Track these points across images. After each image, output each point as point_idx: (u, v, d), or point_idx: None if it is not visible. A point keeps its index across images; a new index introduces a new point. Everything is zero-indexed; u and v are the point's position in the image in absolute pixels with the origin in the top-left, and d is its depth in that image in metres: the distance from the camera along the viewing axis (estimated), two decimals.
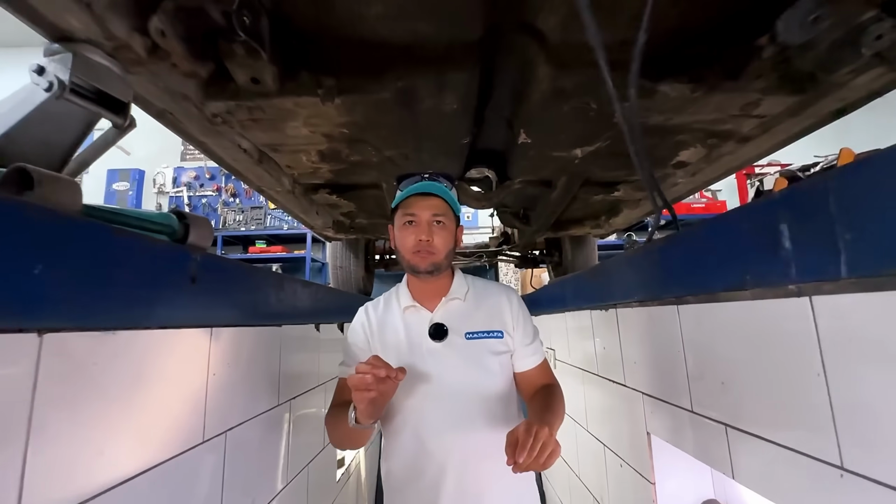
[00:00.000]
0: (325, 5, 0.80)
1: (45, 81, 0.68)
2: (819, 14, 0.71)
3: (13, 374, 0.42)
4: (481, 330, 1.02)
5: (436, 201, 1.00)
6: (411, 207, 0.99)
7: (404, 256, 1.02)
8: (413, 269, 1.01)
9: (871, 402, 0.49)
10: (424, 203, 1.00)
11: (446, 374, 0.97)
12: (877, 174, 0.45)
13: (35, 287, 0.44)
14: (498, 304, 1.06)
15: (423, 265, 0.99)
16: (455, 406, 0.95)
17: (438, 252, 1.00)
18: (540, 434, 0.73)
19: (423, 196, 1.00)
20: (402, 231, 1.01)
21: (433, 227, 1.00)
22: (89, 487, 0.50)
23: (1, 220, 0.41)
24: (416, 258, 0.99)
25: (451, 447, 0.93)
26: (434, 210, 1.00)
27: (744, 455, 0.70)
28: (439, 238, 1.00)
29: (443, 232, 1.00)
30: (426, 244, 0.98)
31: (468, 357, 0.99)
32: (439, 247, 1.00)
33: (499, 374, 1.00)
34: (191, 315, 0.71)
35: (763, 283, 0.62)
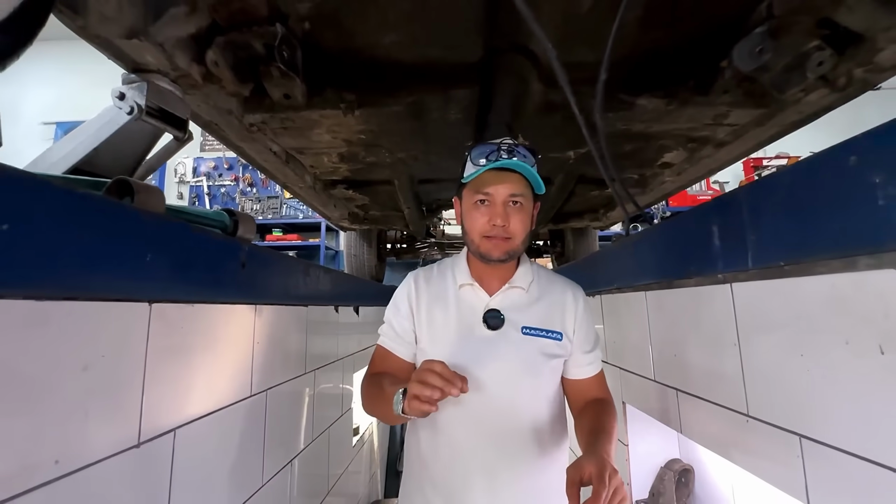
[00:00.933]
0: (348, 34, 0.95)
1: (127, 106, 0.84)
2: (762, 47, 0.83)
3: (135, 330, 0.60)
4: (539, 327, 0.91)
5: (515, 177, 0.86)
6: (486, 186, 0.86)
7: (473, 240, 0.89)
8: (483, 257, 0.89)
9: (766, 364, 0.64)
10: (501, 180, 0.85)
11: (500, 368, 0.87)
12: (770, 190, 0.60)
13: (147, 270, 0.61)
14: (562, 302, 0.95)
15: (496, 253, 0.87)
16: (501, 404, 0.86)
17: (515, 237, 0.87)
18: (613, 481, 0.64)
19: (500, 171, 0.85)
20: (473, 211, 0.88)
21: (509, 209, 0.86)
22: (180, 417, 0.68)
23: (126, 221, 0.58)
24: (487, 244, 0.87)
25: (489, 445, 0.85)
26: (512, 189, 0.85)
27: (687, 412, 0.85)
28: (516, 221, 0.86)
29: (520, 214, 0.87)
30: (501, 229, 0.86)
31: (521, 354, 0.89)
32: (516, 231, 0.87)
33: (548, 378, 0.91)
34: (241, 293, 0.89)
35: (701, 273, 0.77)
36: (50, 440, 0.47)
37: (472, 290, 0.94)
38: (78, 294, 0.51)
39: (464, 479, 0.85)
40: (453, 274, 0.98)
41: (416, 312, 0.95)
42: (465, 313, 0.92)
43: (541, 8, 0.85)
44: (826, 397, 0.54)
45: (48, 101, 5.20)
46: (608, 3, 0.83)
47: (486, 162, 0.84)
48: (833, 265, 0.52)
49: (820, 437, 0.55)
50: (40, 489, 0.46)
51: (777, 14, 0.83)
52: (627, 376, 1.16)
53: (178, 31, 0.79)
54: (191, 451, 0.71)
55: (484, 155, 0.85)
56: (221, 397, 0.81)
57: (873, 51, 0.84)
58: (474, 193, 0.87)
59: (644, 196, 1.89)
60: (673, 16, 0.89)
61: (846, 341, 0.51)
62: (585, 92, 0.93)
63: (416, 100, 1.09)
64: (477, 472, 0.85)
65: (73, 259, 0.49)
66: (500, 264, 0.91)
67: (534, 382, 0.89)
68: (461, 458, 0.86)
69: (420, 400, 0.68)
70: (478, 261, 0.93)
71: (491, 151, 0.85)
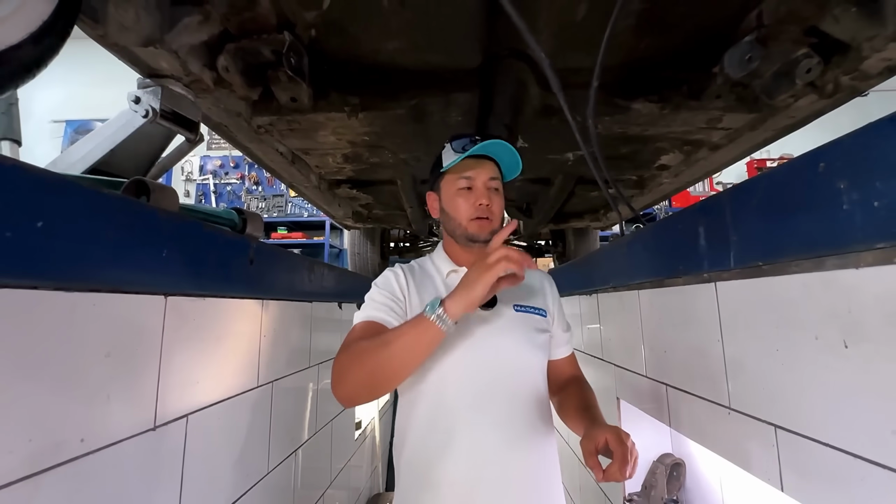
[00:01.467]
0: (352, 41, 0.99)
1: (143, 109, 0.89)
2: (751, 55, 0.87)
3: (151, 321, 0.64)
4: (528, 304, 0.95)
5: (490, 164, 0.93)
6: (468, 170, 0.91)
7: (460, 224, 0.92)
8: (471, 238, 0.92)
9: (746, 359, 0.67)
10: (480, 165, 0.92)
11: (498, 342, 0.88)
12: (750, 193, 0.63)
13: (163, 265, 0.65)
14: (541, 285, 1.02)
15: (484, 233, 0.91)
16: (503, 376, 0.86)
17: (496, 218, 0.93)
18: (629, 441, 0.68)
19: (477, 159, 0.92)
20: (458, 196, 0.92)
21: (490, 192, 0.92)
22: (192, 403, 0.73)
23: (145, 219, 0.62)
24: (475, 226, 0.91)
25: (495, 418, 0.84)
26: (490, 173, 0.92)
27: (677, 407, 0.89)
28: (496, 203, 0.93)
29: (498, 197, 0.94)
30: (485, 209, 0.91)
31: (518, 328, 0.91)
32: (497, 213, 0.93)
33: (543, 353, 0.94)
34: (249, 288, 0.93)
35: (688, 272, 0.80)
36: (76, 420, 0.52)
37: (460, 275, 0.91)
38: (101, 286, 0.55)
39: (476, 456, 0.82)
40: (436, 265, 0.99)
41: (407, 297, 0.91)
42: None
43: (537, 16, 0.89)
44: (798, 389, 0.58)
45: (58, 100, 5.28)
46: (602, 12, 0.86)
47: (465, 151, 0.89)
48: (804, 265, 0.55)
49: (793, 427, 0.59)
50: (68, 464, 0.50)
51: (766, 23, 0.86)
52: (621, 372, 1.19)
53: (191, 38, 0.83)
54: (202, 437, 0.75)
55: (462, 145, 0.91)
56: (230, 387, 0.86)
57: (859, 59, 0.87)
58: (457, 179, 0.92)
59: (643, 197, 1.92)
60: (665, 24, 0.92)
61: (816, 336, 0.54)
62: (581, 96, 0.97)
63: (417, 103, 1.13)
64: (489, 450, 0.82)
65: (97, 254, 0.53)
66: (483, 246, 0.91)
67: (533, 356, 0.91)
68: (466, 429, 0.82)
69: (511, 259, 0.70)
70: (460, 248, 0.96)
71: (467, 142, 0.91)
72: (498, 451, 0.82)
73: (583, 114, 1.19)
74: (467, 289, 0.72)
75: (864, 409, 0.48)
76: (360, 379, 0.75)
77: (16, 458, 0.44)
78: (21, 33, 0.55)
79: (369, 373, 0.74)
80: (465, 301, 0.71)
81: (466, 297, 0.71)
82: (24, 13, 0.56)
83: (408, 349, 0.73)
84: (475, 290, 0.71)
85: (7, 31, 0.54)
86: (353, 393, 0.77)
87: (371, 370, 0.74)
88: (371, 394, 0.77)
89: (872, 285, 0.46)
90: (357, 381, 0.76)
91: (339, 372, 0.76)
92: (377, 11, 0.88)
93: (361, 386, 0.76)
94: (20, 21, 0.55)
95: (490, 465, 0.81)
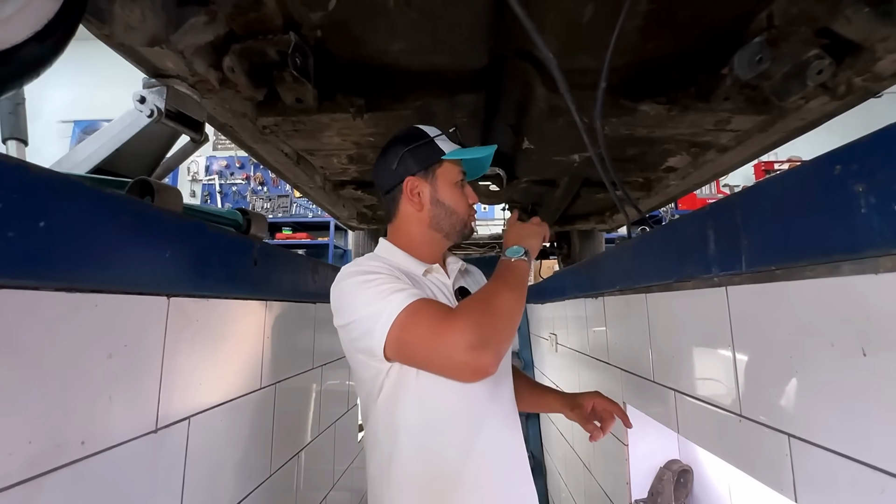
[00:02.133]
0: (358, 42, 0.98)
1: (148, 109, 0.89)
2: (761, 56, 0.85)
3: (154, 322, 0.64)
4: None
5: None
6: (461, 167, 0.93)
7: (461, 219, 0.90)
8: (465, 234, 0.93)
9: (758, 365, 0.66)
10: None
11: None
12: (762, 196, 0.62)
13: (166, 266, 0.64)
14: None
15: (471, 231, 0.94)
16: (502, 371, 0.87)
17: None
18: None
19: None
20: (457, 190, 0.91)
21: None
22: (194, 405, 0.72)
23: (149, 220, 0.62)
24: (472, 224, 0.93)
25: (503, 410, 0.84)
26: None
27: (685, 413, 0.87)
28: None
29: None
30: (474, 210, 0.94)
31: None
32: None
33: None
34: (253, 289, 0.92)
35: (698, 276, 0.79)
36: (77, 422, 0.51)
37: (436, 275, 0.91)
38: (104, 287, 0.54)
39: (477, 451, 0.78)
40: (402, 267, 0.87)
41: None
42: (438, 297, 0.86)
43: (544, 17, 0.88)
44: (813, 398, 0.56)
45: (66, 100, 5.33)
46: (609, 13, 0.85)
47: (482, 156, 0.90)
48: (819, 270, 0.54)
49: (807, 437, 0.57)
50: (68, 467, 0.49)
51: (777, 24, 0.85)
52: (628, 377, 1.18)
53: (197, 39, 0.83)
54: (204, 439, 0.75)
55: (458, 140, 0.93)
56: (233, 389, 0.85)
57: (872, 60, 0.85)
58: (460, 172, 0.92)
59: (649, 199, 1.90)
60: (673, 25, 0.91)
61: (831, 343, 0.53)
62: (588, 97, 0.96)
63: (422, 104, 1.12)
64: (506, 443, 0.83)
65: (100, 254, 0.52)
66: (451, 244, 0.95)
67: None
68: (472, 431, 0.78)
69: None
70: (425, 244, 0.91)
71: (455, 135, 0.94)
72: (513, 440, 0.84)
73: (589, 115, 1.19)
74: (531, 238, 0.85)
75: (884, 419, 0.47)
76: (507, 331, 0.73)
77: (15, 460, 0.43)
78: (25, 32, 0.55)
79: (512, 321, 0.74)
80: (536, 248, 0.85)
81: (534, 245, 0.84)
82: (29, 12, 0.56)
83: (523, 289, 0.79)
84: (537, 242, 0.86)
85: (11, 30, 0.53)
86: (503, 348, 0.73)
87: (512, 317, 0.74)
88: (501, 344, 0.72)
89: (892, 291, 0.45)
90: (505, 334, 0.73)
91: (485, 333, 0.68)
92: (383, 12, 0.88)
93: (507, 338, 0.74)
94: (24, 20, 0.55)
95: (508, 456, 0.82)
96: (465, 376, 0.72)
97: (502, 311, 0.72)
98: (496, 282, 0.79)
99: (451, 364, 0.70)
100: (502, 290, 0.76)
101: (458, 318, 0.70)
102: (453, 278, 0.92)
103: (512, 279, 0.78)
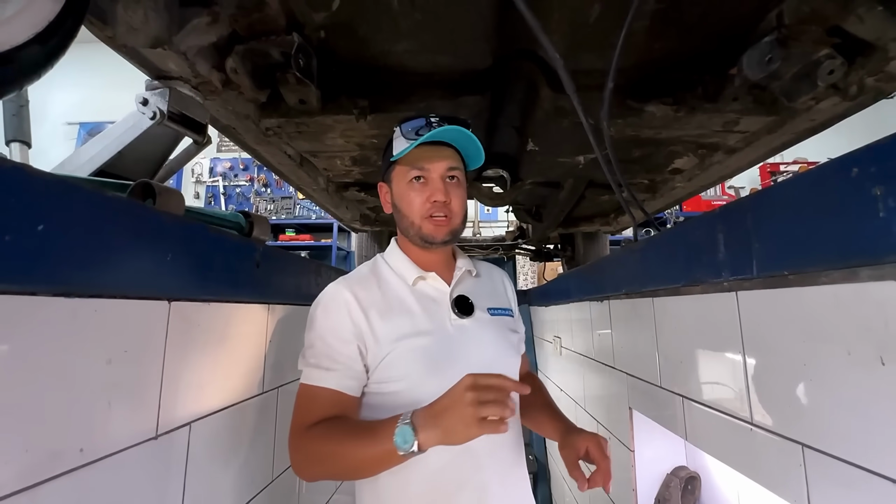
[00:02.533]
0: (362, 43, 0.97)
1: (150, 111, 0.88)
2: (771, 56, 0.84)
3: (154, 327, 0.63)
4: (498, 307, 0.90)
5: (449, 151, 0.82)
6: (421, 161, 0.80)
7: (413, 223, 0.82)
8: (426, 240, 0.82)
9: (770, 373, 0.64)
10: (437, 153, 0.80)
11: (483, 354, 0.80)
12: (774, 199, 0.60)
13: (167, 270, 0.64)
14: (501, 283, 0.99)
15: (440, 235, 0.81)
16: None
17: (456, 216, 0.82)
18: (608, 451, 0.70)
19: (433, 146, 0.80)
20: (409, 190, 0.81)
21: (448, 185, 0.81)
22: (195, 411, 0.71)
23: (150, 223, 0.61)
24: (429, 225, 0.81)
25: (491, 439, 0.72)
26: (449, 163, 0.81)
27: (693, 419, 0.86)
28: (456, 197, 0.82)
29: (458, 189, 0.83)
30: (443, 206, 0.80)
31: (498, 334, 0.85)
32: (457, 209, 0.82)
33: (519, 351, 0.91)
34: (255, 293, 0.92)
35: (707, 280, 0.77)
36: (75, 429, 0.50)
37: (428, 282, 0.86)
38: (104, 292, 0.53)
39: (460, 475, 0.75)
40: (396, 272, 0.87)
41: (367, 332, 0.78)
42: (430, 309, 0.83)
43: (549, 17, 0.87)
44: (828, 407, 0.55)
45: (72, 103, 5.37)
46: (615, 13, 0.84)
47: (418, 137, 0.78)
48: (835, 276, 0.52)
49: (822, 447, 0.56)
50: (66, 476, 0.48)
51: (787, 23, 0.83)
52: (634, 381, 1.16)
53: (199, 40, 0.83)
54: (205, 445, 0.74)
55: (415, 129, 0.79)
56: (234, 393, 0.84)
57: (885, 60, 0.84)
58: (409, 170, 0.81)
59: (655, 201, 1.88)
60: (681, 25, 0.90)
61: (848, 352, 0.51)
62: (593, 98, 0.95)
63: (426, 105, 1.11)
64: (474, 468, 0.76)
65: (100, 259, 0.52)
66: (442, 247, 0.85)
67: (513, 360, 0.88)
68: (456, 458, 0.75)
69: (498, 403, 0.58)
70: (419, 251, 0.86)
71: (421, 126, 0.79)
72: (502, 465, 0.80)
73: (595, 116, 1.17)
74: (447, 433, 0.60)
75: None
76: (322, 474, 0.76)
77: (11, 469, 0.43)
78: (27, 33, 0.54)
79: (331, 474, 0.77)
80: (443, 441, 0.60)
81: (445, 438, 0.60)
82: (31, 13, 0.55)
83: (370, 466, 0.69)
84: (455, 437, 0.59)
85: (12, 31, 0.53)
86: (310, 478, 0.77)
87: (334, 474, 0.77)
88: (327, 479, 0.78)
89: None
90: (319, 475, 0.76)
91: (298, 463, 0.75)
92: (387, 13, 0.87)
93: (333, 474, 0.78)
94: (26, 21, 0.54)
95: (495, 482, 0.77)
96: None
97: (329, 469, 0.74)
98: (358, 445, 0.67)
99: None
100: (351, 455, 0.68)
101: (295, 438, 0.75)
102: (454, 283, 0.87)
103: (371, 456, 0.66)
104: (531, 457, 2.98)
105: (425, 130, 0.79)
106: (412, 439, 0.60)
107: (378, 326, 0.78)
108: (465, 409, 0.58)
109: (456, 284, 0.88)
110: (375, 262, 0.92)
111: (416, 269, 0.86)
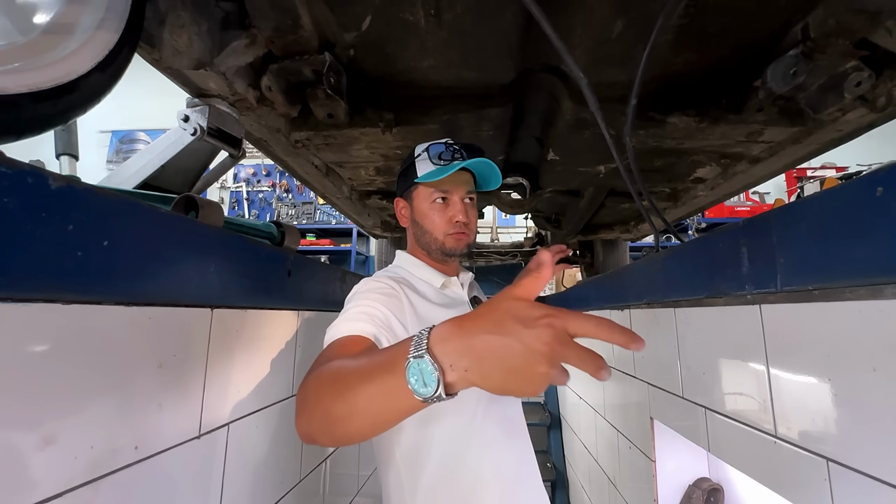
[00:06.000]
0: (389, 60, 1.01)
1: (191, 127, 0.93)
2: (796, 69, 0.84)
3: (199, 333, 0.67)
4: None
5: (467, 176, 0.93)
6: (445, 185, 0.91)
7: (436, 238, 0.92)
8: (447, 253, 0.93)
9: (794, 386, 0.65)
10: (459, 179, 0.91)
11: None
12: (799, 215, 0.61)
13: (210, 279, 0.68)
14: (479, 288, 1.11)
15: (460, 247, 0.93)
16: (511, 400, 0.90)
17: (472, 232, 0.94)
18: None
19: (456, 171, 0.88)
20: (433, 211, 0.92)
21: (466, 206, 0.93)
22: (233, 411, 0.75)
23: (196, 236, 0.65)
24: (452, 240, 0.92)
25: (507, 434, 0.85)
26: (468, 187, 0.93)
27: (714, 430, 0.86)
28: (472, 217, 0.94)
29: (473, 210, 0.95)
30: (464, 225, 0.92)
31: None
32: (472, 228, 0.94)
33: None
34: (287, 300, 0.96)
35: (730, 293, 0.78)
36: (131, 428, 0.54)
37: (452, 288, 0.96)
38: (156, 300, 0.58)
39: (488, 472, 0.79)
40: (422, 278, 0.93)
41: (409, 310, 0.79)
42: (458, 307, 0.90)
43: (573, 33, 0.89)
44: (853, 422, 0.55)
45: (105, 111, 5.59)
46: (638, 28, 0.86)
47: (442, 162, 0.88)
48: (860, 292, 0.53)
49: (847, 462, 0.56)
50: (123, 471, 0.52)
51: (813, 36, 0.83)
52: (655, 391, 1.16)
53: (238, 60, 0.87)
54: (241, 445, 0.78)
55: (439, 155, 0.89)
56: (268, 396, 0.88)
57: None
58: (434, 192, 0.91)
59: (676, 210, 1.87)
60: (704, 39, 0.91)
61: (874, 368, 0.52)
62: (615, 110, 0.96)
63: (450, 118, 1.15)
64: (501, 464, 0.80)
65: (154, 270, 0.56)
66: (457, 259, 0.96)
67: None
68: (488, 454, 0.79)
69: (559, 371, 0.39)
70: (433, 261, 0.96)
71: (443, 151, 0.90)
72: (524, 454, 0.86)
73: (617, 128, 1.18)
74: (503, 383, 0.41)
75: None
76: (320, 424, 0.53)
77: (80, 463, 0.47)
78: (90, 63, 0.59)
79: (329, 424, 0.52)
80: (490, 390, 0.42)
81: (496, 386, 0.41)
82: (93, 44, 0.60)
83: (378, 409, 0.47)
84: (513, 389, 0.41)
85: (78, 62, 0.58)
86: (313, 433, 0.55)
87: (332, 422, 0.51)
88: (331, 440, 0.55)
89: None
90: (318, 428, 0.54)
91: (298, 412, 0.58)
92: (414, 31, 0.90)
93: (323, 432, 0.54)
94: (89, 51, 0.59)
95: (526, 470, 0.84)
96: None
97: (342, 415, 0.49)
98: (364, 369, 0.50)
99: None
100: (367, 390, 0.47)
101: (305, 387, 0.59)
102: (466, 289, 0.99)
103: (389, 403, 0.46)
104: (549, 465, 2.97)
105: (448, 155, 0.89)
106: (434, 380, 0.41)
107: (421, 307, 0.83)
108: (538, 353, 0.39)
109: (469, 290, 1.00)
110: (393, 269, 0.97)
111: (440, 275, 0.95)
